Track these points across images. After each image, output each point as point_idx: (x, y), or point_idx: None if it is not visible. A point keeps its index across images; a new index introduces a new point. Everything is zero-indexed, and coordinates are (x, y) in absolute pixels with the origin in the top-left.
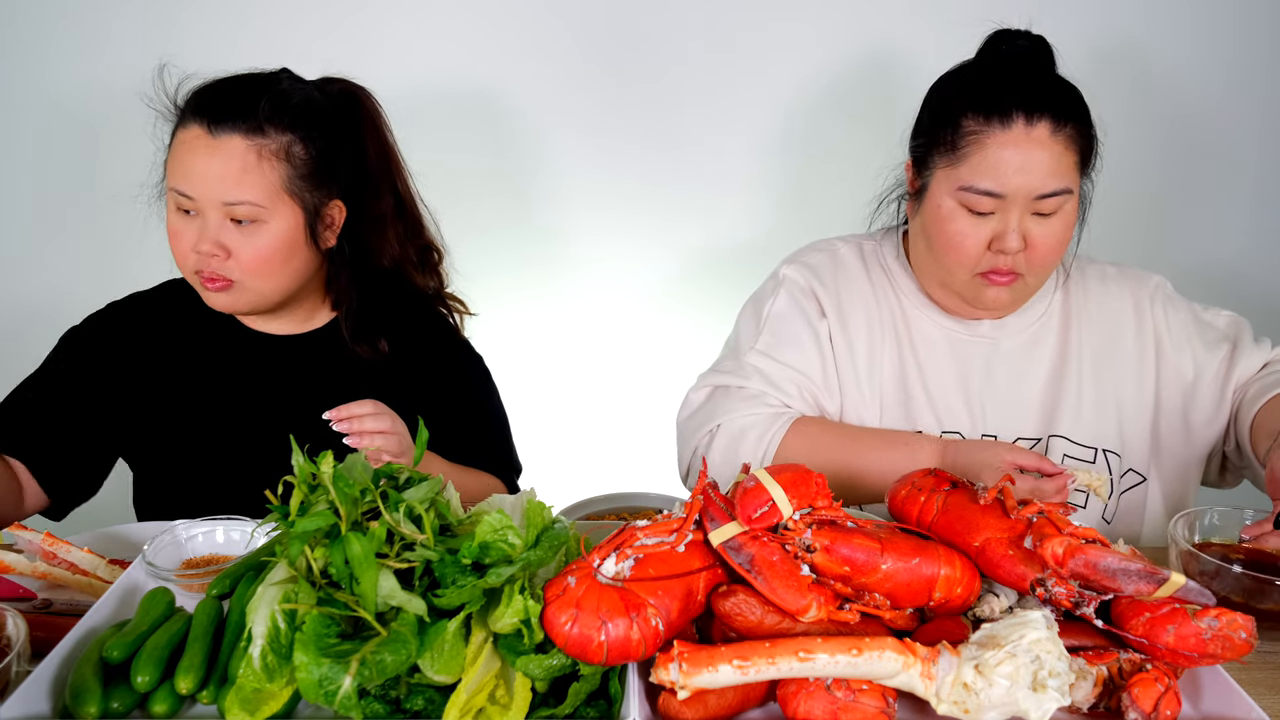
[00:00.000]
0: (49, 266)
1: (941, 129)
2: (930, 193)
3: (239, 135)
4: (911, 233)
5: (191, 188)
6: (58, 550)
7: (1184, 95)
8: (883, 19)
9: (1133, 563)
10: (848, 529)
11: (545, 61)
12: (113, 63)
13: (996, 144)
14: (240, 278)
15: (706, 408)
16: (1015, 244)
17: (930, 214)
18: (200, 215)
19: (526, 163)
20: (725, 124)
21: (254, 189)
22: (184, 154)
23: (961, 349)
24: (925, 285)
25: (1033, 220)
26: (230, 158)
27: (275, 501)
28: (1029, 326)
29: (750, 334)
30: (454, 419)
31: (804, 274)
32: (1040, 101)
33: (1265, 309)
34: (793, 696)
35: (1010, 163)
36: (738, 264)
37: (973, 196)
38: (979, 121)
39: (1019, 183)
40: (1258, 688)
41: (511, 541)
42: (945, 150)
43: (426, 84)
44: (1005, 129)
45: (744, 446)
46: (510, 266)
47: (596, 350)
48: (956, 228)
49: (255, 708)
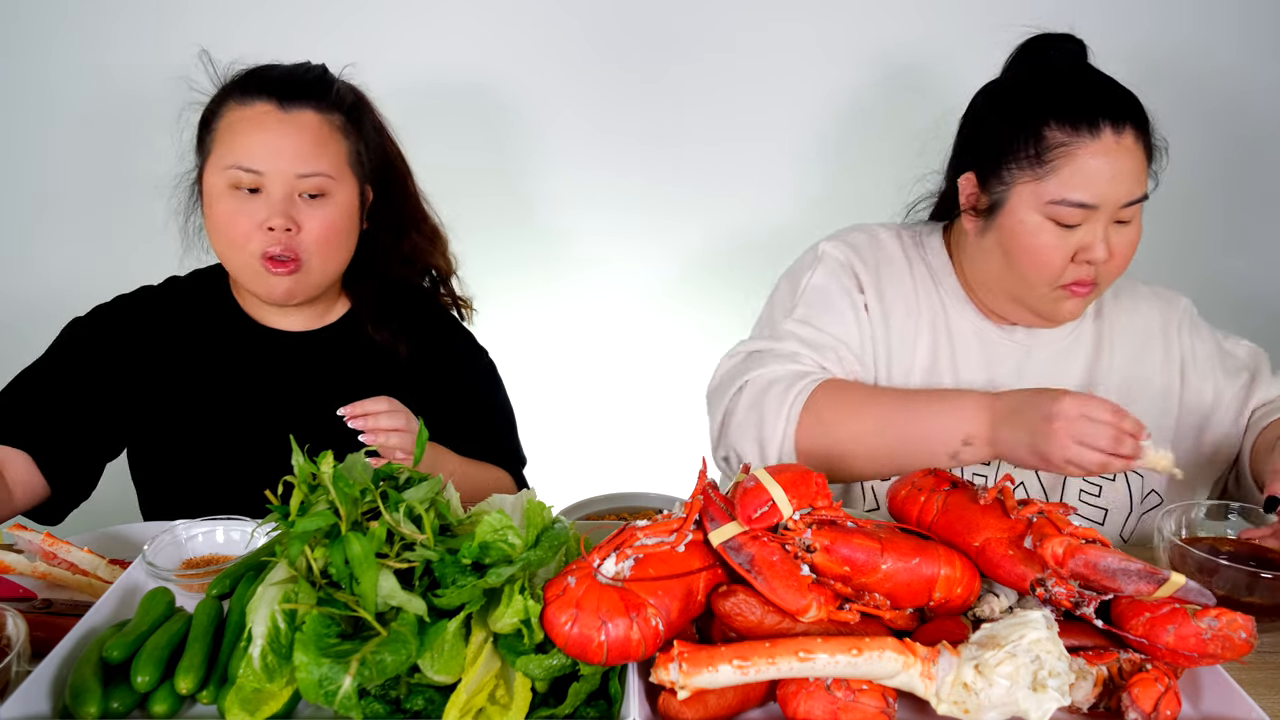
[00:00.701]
0: (58, 261)
1: (1019, 142)
2: (1009, 208)
3: (310, 109)
4: (974, 248)
5: (261, 162)
6: (58, 550)
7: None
8: (897, 20)
9: (1133, 563)
10: (848, 529)
11: (546, 57)
12: (112, 61)
13: (1088, 154)
14: (307, 256)
15: (738, 368)
16: (1103, 254)
17: (1010, 229)
18: (264, 192)
19: (526, 161)
20: (725, 124)
21: (326, 161)
22: (247, 129)
23: (995, 351)
24: (987, 298)
25: (1113, 228)
26: (304, 130)
27: (275, 501)
28: (1063, 338)
29: (786, 305)
30: (463, 413)
31: (844, 251)
32: (1123, 109)
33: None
34: (793, 696)
35: (1102, 173)
36: (738, 265)
37: (1064, 210)
38: (1066, 132)
39: (1110, 192)
40: (1258, 688)
41: (511, 541)
42: (1027, 164)
43: (424, 80)
44: (1095, 138)
45: (769, 400)
46: (510, 266)
47: (596, 350)
48: (1044, 242)
49: (255, 708)
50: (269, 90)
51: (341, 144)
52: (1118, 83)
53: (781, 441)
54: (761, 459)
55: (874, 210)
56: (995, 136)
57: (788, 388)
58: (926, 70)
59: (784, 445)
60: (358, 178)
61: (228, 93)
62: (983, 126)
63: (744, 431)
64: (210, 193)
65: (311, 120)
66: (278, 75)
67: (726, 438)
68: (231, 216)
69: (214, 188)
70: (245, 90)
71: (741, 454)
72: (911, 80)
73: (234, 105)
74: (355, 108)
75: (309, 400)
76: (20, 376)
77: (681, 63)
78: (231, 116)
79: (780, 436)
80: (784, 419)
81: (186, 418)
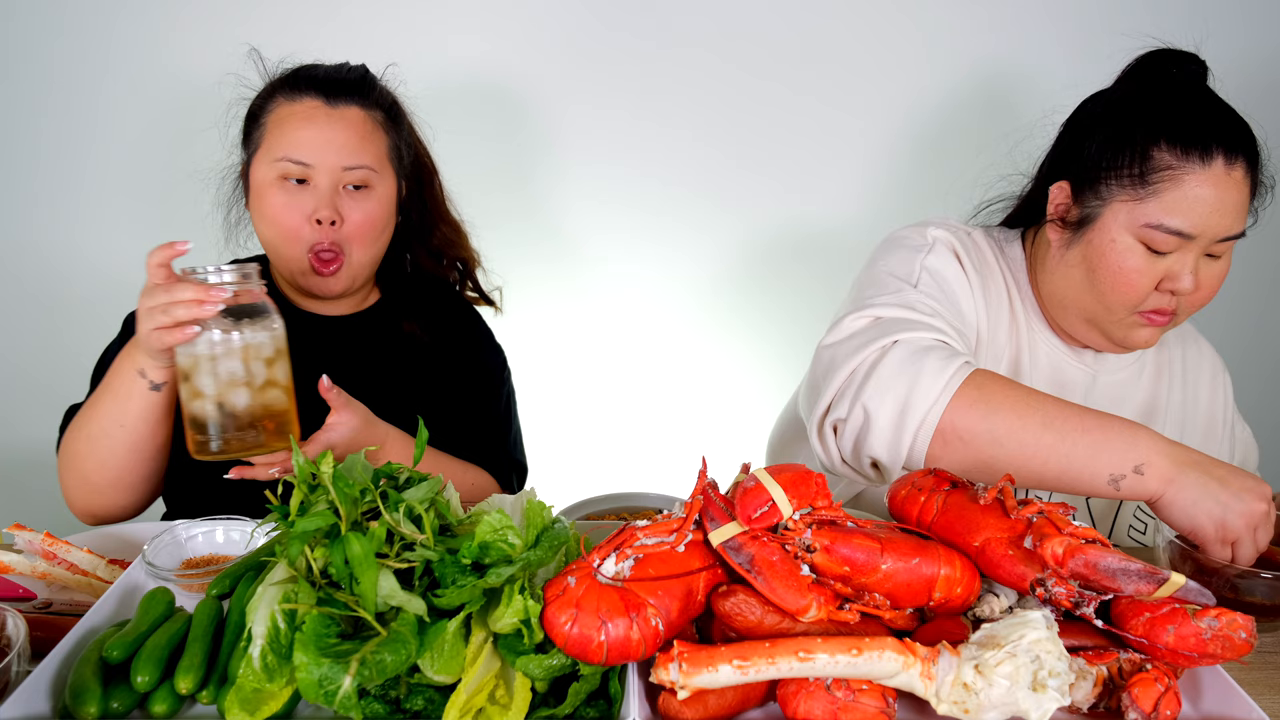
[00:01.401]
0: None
1: (1124, 158)
2: (1101, 224)
3: (356, 105)
4: (1055, 260)
5: (310, 155)
6: (58, 550)
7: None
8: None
9: (1133, 563)
10: (848, 529)
11: (553, 46)
12: (113, 61)
13: (1195, 182)
14: (349, 248)
15: (873, 329)
16: (1190, 285)
17: (1099, 247)
18: (312, 184)
19: (533, 161)
20: (724, 127)
21: (370, 154)
22: (297, 124)
23: (1064, 373)
24: (1059, 316)
25: (1203, 261)
26: (350, 125)
27: (275, 501)
28: (1126, 366)
29: (907, 276)
30: (461, 407)
31: (951, 239)
32: (1238, 139)
33: None
34: (793, 696)
35: (1207, 203)
36: (741, 268)
37: (1159, 235)
38: (1176, 156)
39: (1210, 224)
40: (1258, 688)
41: (511, 541)
42: (1129, 182)
43: (447, 79)
44: (1205, 166)
45: (929, 362)
46: (512, 265)
47: (596, 350)
48: (1131, 264)
49: (255, 708)
50: (316, 87)
51: (383, 139)
52: (1235, 111)
53: (930, 408)
54: (897, 423)
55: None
56: (1098, 148)
57: (949, 357)
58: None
59: (931, 413)
60: (396, 172)
61: (275, 89)
62: (1086, 136)
63: (889, 387)
64: (258, 185)
65: (357, 116)
66: (323, 74)
67: (860, 393)
68: (281, 209)
69: (263, 180)
70: (294, 87)
71: (872, 411)
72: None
73: (282, 101)
74: (394, 106)
75: (346, 380)
76: (100, 368)
77: (705, 63)
78: (281, 112)
79: (931, 402)
80: (942, 386)
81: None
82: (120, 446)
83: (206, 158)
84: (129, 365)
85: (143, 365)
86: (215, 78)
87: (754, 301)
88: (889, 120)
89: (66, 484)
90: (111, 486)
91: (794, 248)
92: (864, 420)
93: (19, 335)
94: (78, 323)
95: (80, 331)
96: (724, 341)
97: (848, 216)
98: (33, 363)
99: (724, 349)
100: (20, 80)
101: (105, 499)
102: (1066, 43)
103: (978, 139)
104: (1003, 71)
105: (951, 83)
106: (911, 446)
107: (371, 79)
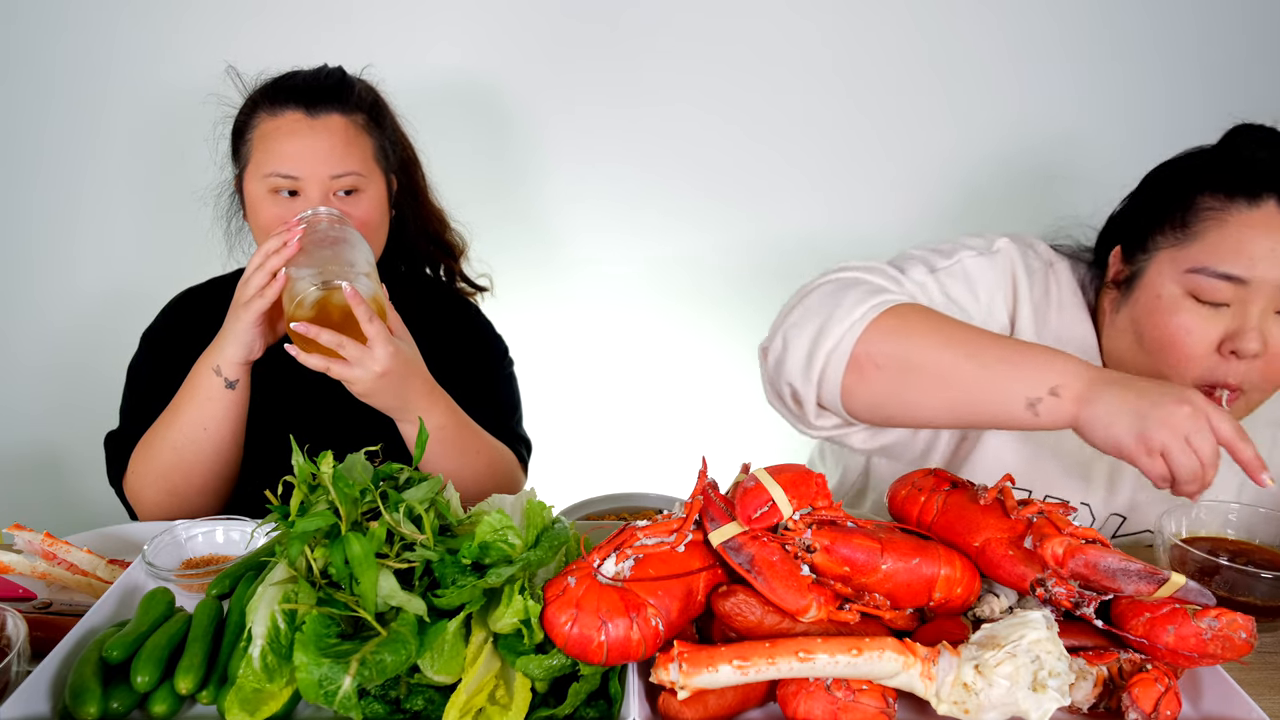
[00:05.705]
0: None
1: (1169, 207)
2: (1147, 279)
3: (337, 113)
4: (1109, 327)
5: (296, 167)
6: (57, 550)
7: None
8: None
9: (1133, 563)
10: (848, 529)
11: (542, 53)
12: (113, 62)
13: (1240, 223)
14: None
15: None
16: (1255, 345)
17: (1146, 304)
18: (303, 194)
19: (523, 162)
20: (723, 126)
21: (355, 159)
22: (280, 138)
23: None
24: None
25: (1274, 320)
26: (333, 133)
27: (275, 501)
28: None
29: (924, 254)
30: (469, 387)
31: (1019, 257)
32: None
33: None
34: (793, 696)
35: (1259, 244)
36: (739, 267)
37: (1206, 281)
38: (1220, 199)
39: (1265, 269)
40: (1258, 688)
41: (511, 541)
42: (1171, 230)
43: (426, 80)
44: (1253, 208)
45: (850, 295)
46: (508, 266)
47: (596, 351)
48: (1180, 321)
49: (255, 708)
50: (296, 99)
51: (368, 142)
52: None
53: (843, 335)
54: (810, 350)
55: (890, 227)
56: (1145, 203)
57: (875, 291)
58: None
59: (844, 340)
60: (384, 170)
61: (256, 103)
62: (1137, 197)
63: (806, 319)
64: (252, 199)
65: (339, 123)
66: (302, 83)
67: (783, 321)
68: (276, 221)
69: (255, 194)
70: (274, 101)
71: (790, 339)
72: (941, 89)
73: (264, 116)
74: (375, 105)
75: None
76: (129, 402)
77: (689, 63)
78: (264, 127)
79: (845, 329)
80: (859, 315)
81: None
82: (206, 450)
83: (203, 173)
84: (204, 366)
85: (218, 362)
86: (210, 87)
87: (754, 301)
88: (887, 119)
89: (148, 501)
90: (199, 494)
91: (793, 247)
92: (783, 348)
93: (19, 335)
94: (78, 322)
95: (81, 331)
96: (724, 342)
97: (846, 216)
98: (33, 363)
99: (724, 349)
100: (20, 81)
101: (191, 508)
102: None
103: (963, 145)
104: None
105: (945, 84)
106: (823, 373)
107: (350, 82)
